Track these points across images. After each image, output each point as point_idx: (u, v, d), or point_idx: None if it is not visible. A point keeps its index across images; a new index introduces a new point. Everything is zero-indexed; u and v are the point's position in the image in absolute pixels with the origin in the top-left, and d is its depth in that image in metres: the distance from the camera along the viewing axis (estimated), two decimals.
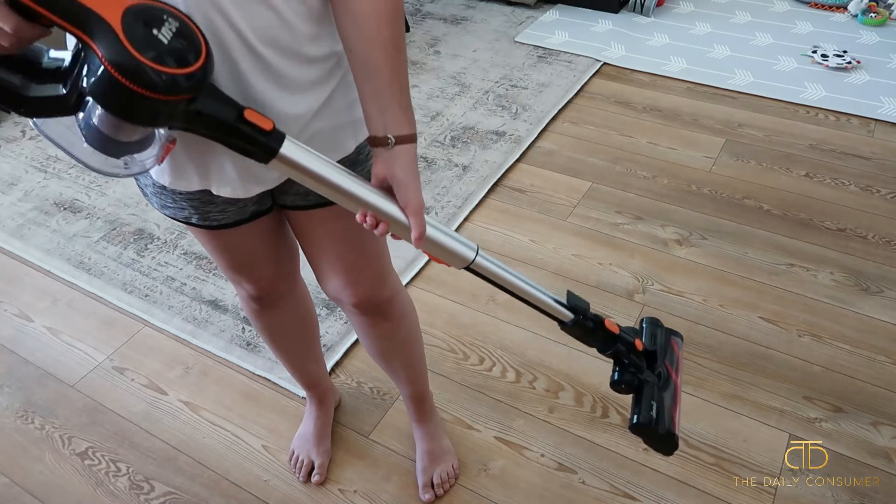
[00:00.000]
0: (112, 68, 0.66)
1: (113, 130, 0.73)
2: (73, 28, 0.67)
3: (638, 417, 1.07)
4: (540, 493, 1.36)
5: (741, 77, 2.66)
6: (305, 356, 1.37)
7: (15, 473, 1.45)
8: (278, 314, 1.23)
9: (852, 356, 1.60)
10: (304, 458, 1.42)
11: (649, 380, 1.13)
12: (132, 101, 0.69)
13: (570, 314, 1.09)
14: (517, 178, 2.20)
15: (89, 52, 0.68)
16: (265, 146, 0.77)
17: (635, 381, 1.13)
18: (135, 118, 0.71)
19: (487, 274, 1.01)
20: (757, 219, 2.00)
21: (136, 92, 0.68)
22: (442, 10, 3.33)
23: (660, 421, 1.09)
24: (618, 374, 1.11)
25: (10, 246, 2.02)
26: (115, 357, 1.68)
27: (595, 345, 1.12)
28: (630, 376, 1.13)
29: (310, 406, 1.45)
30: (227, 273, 1.12)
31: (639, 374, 1.13)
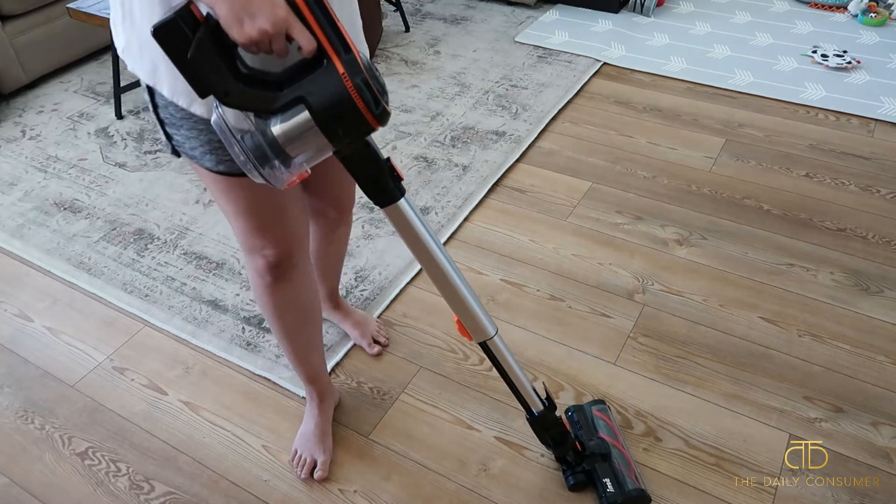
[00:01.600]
0: (351, 84, 0.79)
1: (290, 140, 0.83)
2: (332, 49, 0.80)
3: (606, 499, 1.29)
4: (540, 493, 1.36)
5: (741, 77, 2.66)
6: (310, 341, 1.38)
7: (15, 473, 1.45)
8: (290, 287, 1.24)
9: (852, 356, 1.60)
10: (307, 457, 1.42)
11: (596, 463, 1.33)
12: (348, 116, 0.81)
13: (540, 405, 1.25)
14: (517, 178, 2.20)
15: (329, 69, 0.80)
16: (391, 193, 0.95)
17: (584, 476, 1.34)
18: (336, 131, 0.82)
19: (497, 355, 1.17)
20: (757, 219, 2.00)
21: (358, 110, 0.81)
22: (442, 10, 3.33)
23: (622, 489, 1.30)
24: (572, 478, 1.34)
25: (10, 246, 2.02)
26: (115, 357, 1.68)
27: (551, 440, 1.31)
28: (581, 475, 1.34)
29: (310, 405, 1.45)
30: (253, 236, 1.14)
31: (586, 466, 1.33)
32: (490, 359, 1.16)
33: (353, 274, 1.86)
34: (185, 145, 1.01)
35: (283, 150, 0.83)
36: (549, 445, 1.32)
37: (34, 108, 2.68)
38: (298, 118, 0.82)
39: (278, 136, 0.82)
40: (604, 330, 1.69)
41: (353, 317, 1.67)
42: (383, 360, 1.64)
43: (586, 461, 1.33)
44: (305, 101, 0.81)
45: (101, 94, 2.75)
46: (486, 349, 1.15)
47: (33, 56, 2.71)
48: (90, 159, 2.37)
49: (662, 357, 1.61)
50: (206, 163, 1.02)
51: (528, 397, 1.22)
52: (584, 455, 1.33)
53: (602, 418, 1.42)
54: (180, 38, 0.78)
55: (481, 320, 1.11)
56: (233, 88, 0.81)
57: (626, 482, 1.30)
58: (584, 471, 1.33)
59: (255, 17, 0.76)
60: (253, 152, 0.83)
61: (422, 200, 2.10)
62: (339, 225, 1.43)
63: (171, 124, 1.00)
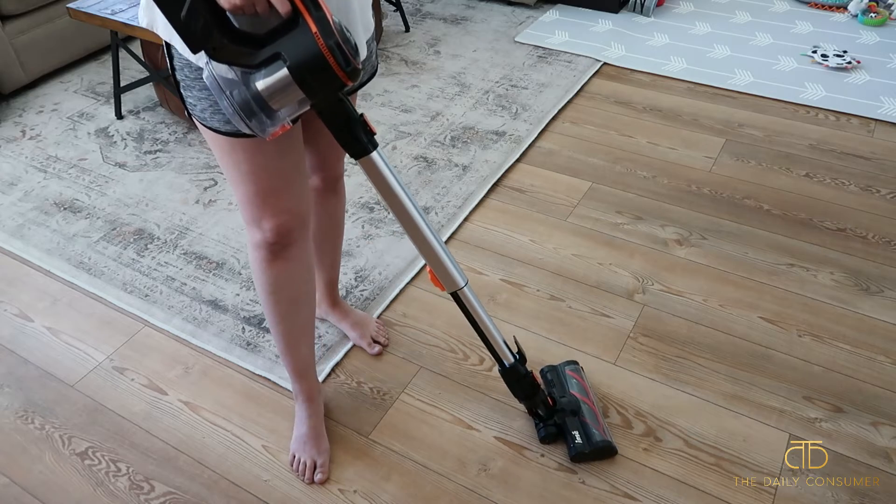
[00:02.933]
0: (322, 43, 0.87)
1: (272, 94, 0.90)
2: (305, 10, 0.87)
3: (575, 451, 1.39)
4: (540, 493, 1.36)
5: (741, 77, 2.66)
6: (303, 327, 1.38)
7: (15, 473, 1.45)
8: (289, 265, 1.25)
9: (852, 356, 1.60)
10: (307, 460, 1.42)
11: (566, 417, 1.41)
12: (321, 74, 0.89)
13: (511, 358, 1.32)
14: (517, 178, 2.20)
15: (303, 28, 0.87)
16: (364, 145, 1.04)
17: (554, 429, 1.42)
18: (311, 85, 0.90)
19: (468, 306, 1.24)
20: (757, 219, 2.00)
21: (330, 67, 0.88)
22: (442, 10, 3.33)
23: (590, 440, 1.38)
24: (543, 430, 1.42)
25: (10, 246, 2.02)
26: (115, 357, 1.68)
27: (522, 392, 1.38)
28: (552, 428, 1.42)
29: (301, 406, 1.45)
30: (255, 204, 1.16)
31: (557, 420, 1.41)
32: (462, 309, 1.24)
33: (353, 274, 1.86)
34: (197, 107, 1.07)
35: (266, 104, 0.92)
36: (520, 398, 1.39)
37: (34, 108, 2.68)
38: (278, 74, 0.90)
39: (261, 90, 0.91)
40: (604, 330, 1.69)
41: (351, 317, 1.67)
42: (383, 360, 1.64)
43: (557, 415, 1.42)
44: (282, 57, 0.89)
45: (101, 94, 2.75)
46: (458, 299, 1.22)
47: (33, 56, 2.71)
48: (90, 159, 2.37)
49: (662, 357, 1.61)
50: (214, 123, 1.07)
51: (499, 350, 1.30)
52: (554, 409, 1.42)
53: (574, 377, 1.50)
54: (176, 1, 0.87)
55: (452, 271, 1.18)
56: (220, 45, 0.89)
57: (594, 434, 1.39)
58: (555, 424, 1.42)
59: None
60: (240, 105, 0.92)
61: (422, 200, 2.11)
62: (326, 196, 1.44)
63: (185, 86, 1.06)
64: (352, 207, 2.09)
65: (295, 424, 1.46)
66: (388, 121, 2.50)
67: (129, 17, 2.22)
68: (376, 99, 2.63)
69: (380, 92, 2.67)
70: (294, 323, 1.35)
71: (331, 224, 1.51)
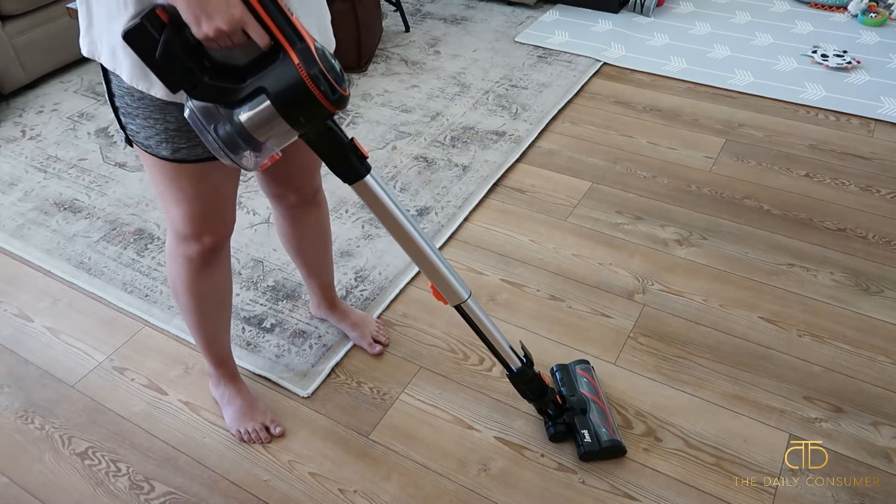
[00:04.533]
0: (306, 74, 0.85)
1: (257, 127, 0.88)
2: (286, 42, 0.85)
3: (584, 450, 1.38)
4: (540, 493, 1.36)
5: (741, 77, 2.66)
6: (225, 322, 1.43)
7: (15, 473, 1.45)
8: (216, 272, 1.30)
9: (852, 356, 1.60)
10: (255, 426, 1.47)
11: (575, 416, 1.41)
12: (306, 105, 0.87)
13: (518, 362, 1.32)
14: (517, 178, 2.20)
15: (285, 61, 0.85)
16: (357, 170, 1.01)
17: (563, 427, 1.41)
18: (297, 118, 0.88)
19: (473, 317, 1.23)
20: (757, 219, 2.00)
21: (315, 98, 0.86)
22: (442, 10, 3.33)
23: (599, 440, 1.38)
24: (552, 428, 1.42)
25: (10, 246, 2.02)
26: (115, 357, 1.68)
27: (531, 394, 1.38)
28: (561, 426, 1.42)
29: (227, 388, 1.50)
30: (194, 223, 1.18)
31: (566, 419, 1.41)
32: (466, 321, 1.24)
33: (353, 274, 1.86)
34: (140, 134, 1.04)
35: (251, 137, 0.89)
36: (529, 399, 1.40)
37: (34, 108, 2.68)
38: (262, 107, 0.88)
39: (245, 124, 0.88)
40: (604, 330, 1.69)
41: (351, 317, 1.67)
42: (383, 360, 1.64)
43: (566, 414, 1.42)
44: (266, 91, 0.87)
45: (101, 94, 2.75)
46: (462, 312, 1.22)
47: (33, 56, 2.71)
48: (90, 159, 2.37)
49: (662, 357, 1.61)
50: (161, 151, 1.05)
51: (506, 355, 1.30)
52: (563, 408, 1.42)
53: (584, 376, 1.50)
54: (149, 40, 0.84)
55: (454, 285, 1.18)
56: (199, 83, 0.87)
57: (602, 434, 1.39)
58: (564, 423, 1.42)
59: (212, 16, 0.81)
60: (224, 140, 0.90)
61: (422, 200, 2.11)
62: (305, 210, 1.43)
63: (126, 113, 1.03)
64: (352, 207, 2.09)
65: (225, 405, 1.50)
66: (388, 121, 2.50)
67: None
68: (376, 99, 2.63)
69: (380, 92, 2.67)
70: (219, 319, 1.41)
71: (316, 235, 1.52)
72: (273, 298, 1.80)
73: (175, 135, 1.03)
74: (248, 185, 2.21)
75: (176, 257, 1.26)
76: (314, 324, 1.72)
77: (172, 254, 1.27)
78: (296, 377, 1.60)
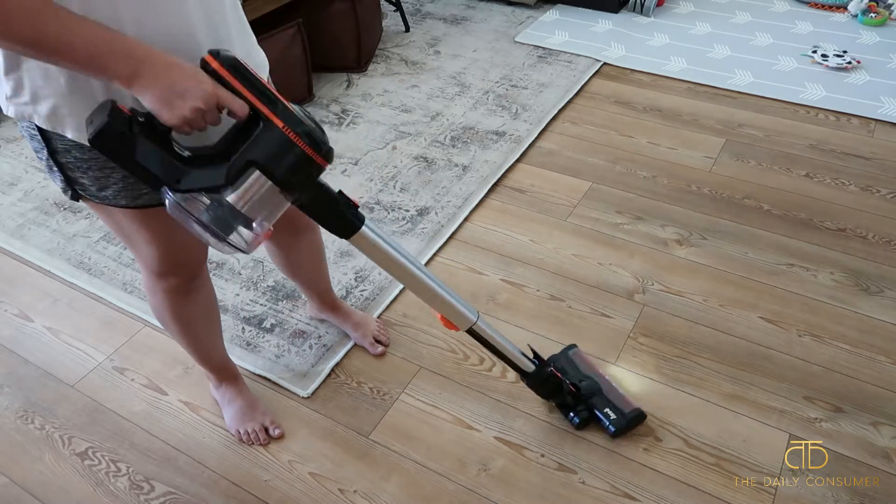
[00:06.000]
0: (294, 135, 0.83)
1: (248, 203, 0.85)
2: (265, 108, 0.83)
3: (614, 427, 1.43)
4: (540, 493, 1.36)
5: (741, 77, 2.66)
6: (216, 336, 1.43)
7: (15, 473, 1.45)
8: (201, 296, 1.29)
9: (852, 356, 1.60)
10: (254, 427, 1.47)
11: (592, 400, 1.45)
12: (299, 165, 0.85)
13: (531, 365, 1.35)
14: (517, 178, 2.20)
15: (269, 127, 0.83)
16: (352, 224, 0.99)
17: (586, 413, 1.45)
18: (291, 182, 0.86)
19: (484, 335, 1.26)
20: (757, 219, 2.00)
21: (308, 156, 0.85)
22: (442, 10, 3.33)
23: (623, 413, 1.44)
24: (577, 418, 1.45)
25: (10, 246, 2.02)
26: (115, 357, 1.68)
27: (549, 392, 1.43)
28: (584, 413, 1.45)
29: (226, 388, 1.50)
30: (166, 261, 1.15)
31: (585, 406, 1.45)
32: (479, 341, 1.27)
33: (354, 274, 1.86)
34: (93, 188, 0.97)
35: (241, 214, 0.85)
36: (548, 397, 1.45)
37: None
38: (249, 180, 0.84)
39: (234, 203, 0.85)
40: (604, 330, 1.69)
41: (353, 318, 1.67)
42: (383, 360, 1.64)
43: (583, 402, 1.46)
44: (257, 163, 0.84)
45: None
46: (474, 333, 1.25)
47: None
48: None
49: (662, 357, 1.61)
50: (120, 201, 0.99)
51: (519, 363, 1.34)
52: (580, 396, 1.45)
53: (580, 359, 1.55)
54: (120, 139, 0.79)
55: (463, 311, 1.20)
56: (184, 174, 0.82)
57: (623, 407, 1.45)
58: (586, 409, 1.46)
59: (185, 96, 0.77)
60: (215, 225, 0.85)
61: (422, 200, 2.11)
62: (299, 237, 1.42)
63: (75, 168, 0.94)
64: None
65: (225, 406, 1.51)
66: (388, 121, 2.50)
67: None
68: (376, 99, 2.63)
69: (380, 92, 2.67)
70: (210, 335, 1.40)
71: (310, 255, 1.51)
72: (273, 298, 1.80)
73: (133, 183, 0.96)
74: None
75: (156, 292, 1.23)
76: (314, 324, 1.72)
77: (152, 289, 1.23)
78: (296, 377, 1.60)
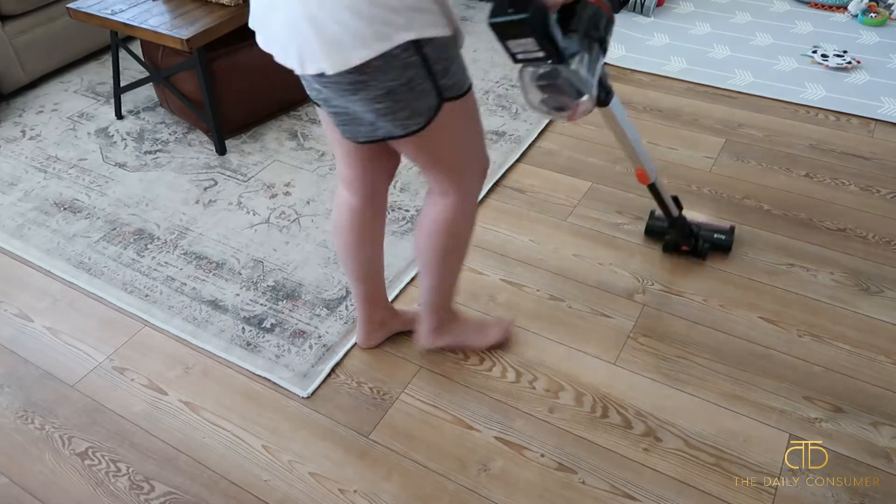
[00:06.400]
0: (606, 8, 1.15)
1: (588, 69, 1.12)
2: None
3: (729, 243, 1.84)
4: (540, 493, 1.37)
5: (741, 77, 2.66)
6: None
7: (15, 473, 1.45)
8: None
9: (852, 356, 1.60)
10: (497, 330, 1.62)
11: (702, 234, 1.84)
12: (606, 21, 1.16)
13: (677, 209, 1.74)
14: (517, 178, 2.20)
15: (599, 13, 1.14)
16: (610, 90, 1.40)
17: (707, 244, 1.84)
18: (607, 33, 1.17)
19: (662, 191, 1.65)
20: (757, 219, 2.00)
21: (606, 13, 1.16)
22: None
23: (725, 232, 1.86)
24: (704, 247, 1.82)
25: (10, 246, 2.02)
26: (115, 357, 1.68)
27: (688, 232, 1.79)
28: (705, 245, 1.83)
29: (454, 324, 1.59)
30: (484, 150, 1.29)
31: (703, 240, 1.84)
32: (656, 196, 1.63)
33: None
34: (454, 79, 1.10)
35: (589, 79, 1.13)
36: (684, 238, 1.79)
37: (34, 108, 2.68)
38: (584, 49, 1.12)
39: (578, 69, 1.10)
40: (604, 330, 1.69)
41: (409, 314, 1.68)
42: (383, 360, 1.64)
43: (694, 235, 1.81)
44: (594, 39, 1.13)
45: (101, 94, 2.75)
46: (653, 188, 1.60)
47: (33, 56, 2.71)
48: (90, 159, 2.37)
49: (662, 357, 1.61)
50: (467, 81, 1.15)
51: (672, 208, 1.69)
52: (698, 236, 1.82)
53: None
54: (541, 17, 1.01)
55: (652, 168, 1.56)
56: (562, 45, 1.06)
57: (721, 228, 1.86)
58: (704, 241, 1.82)
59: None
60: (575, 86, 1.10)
61: (422, 200, 2.10)
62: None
63: (443, 70, 1.07)
64: None
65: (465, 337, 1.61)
66: None
67: (129, 17, 2.22)
68: None
69: None
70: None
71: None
72: (273, 298, 1.80)
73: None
74: (248, 185, 2.21)
75: (471, 195, 1.30)
76: (314, 324, 1.72)
77: (471, 210, 1.32)
78: (296, 377, 1.60)
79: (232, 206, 2.13)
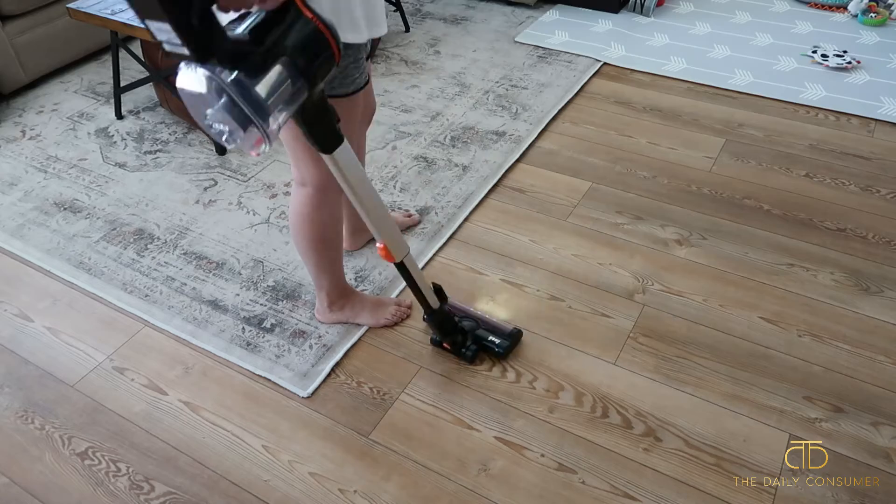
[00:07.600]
0: (322, 25, 0.92)
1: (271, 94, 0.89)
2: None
3: (501, 349, 1.59)
4: (540, 493, 1.36)
5: (741, 77, 2.66)
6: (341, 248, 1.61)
7: (15, 473, 1.45)
8: None
9: (852, 356, 1.60)
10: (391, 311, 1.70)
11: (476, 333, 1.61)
12: (324, 54, 0.94)
13: (438, 301, 1.48)
14: (517, 178, 2.20)
15: (299, 18, 0.91)
16: (339, 138, 1.07)
17: (475, 347, 1.60)
18: (319, 70, 0.95)
19: (412, 270, 1.37)
20: (757, 219, 2.00)
21: (331, 46, 0.93)
22: (442, 10, 3.33)
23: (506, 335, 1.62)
24: (469, 352, 1.59)
25: (10, 246, 2.02)
26: (115, 357, 1.68)
27: (449, 329, 1.56)
28: (473, 346, 1.59)
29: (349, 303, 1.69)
30: None
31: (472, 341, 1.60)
32: (404, 275, 1.38)
33: (353, 274, 1.86)
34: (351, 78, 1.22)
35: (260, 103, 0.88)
36: (447, 334, 1.57)
37: (34, 108, 2.68)
38: (274, 71, 0.89)
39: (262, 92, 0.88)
40: (604, 330, 1.69)
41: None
42: (383, 360, 1.64)
43: (469, 338, 1.60)
44: (282, 53, 0.90)
45: (101, 94, 2.75)
46: (402, 267, 1.36)
47: (33, 56, 2.71)
48: (90, 159, 2.37)
49: (662, 357, 1.61)
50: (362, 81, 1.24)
51: (430, 298, 1.45)
52: (465, 333, 1.60)
53: (453, 305, 1.66)
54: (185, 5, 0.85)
55: (401, 244, 1.32)
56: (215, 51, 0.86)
57: (502, 332, 1.62)
58: (474, 343, 1.60)
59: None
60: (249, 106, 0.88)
61: (422, 200, 2.11)
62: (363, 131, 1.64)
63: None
64: None
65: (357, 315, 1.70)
66: (388, 121, 2.50)
67: (129, 17, 2.22)
68: (376, 99, 2.63)
69: (380, 92, 2.67)
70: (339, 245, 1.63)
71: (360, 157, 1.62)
72: (273, 298, 1.80)
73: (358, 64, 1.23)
74: (248, 185, 2.21)
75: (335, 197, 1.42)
76: (314, 324, 1.72)
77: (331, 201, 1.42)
78: (296, 377, 1.60)
79: (232, 206, 2.13)
